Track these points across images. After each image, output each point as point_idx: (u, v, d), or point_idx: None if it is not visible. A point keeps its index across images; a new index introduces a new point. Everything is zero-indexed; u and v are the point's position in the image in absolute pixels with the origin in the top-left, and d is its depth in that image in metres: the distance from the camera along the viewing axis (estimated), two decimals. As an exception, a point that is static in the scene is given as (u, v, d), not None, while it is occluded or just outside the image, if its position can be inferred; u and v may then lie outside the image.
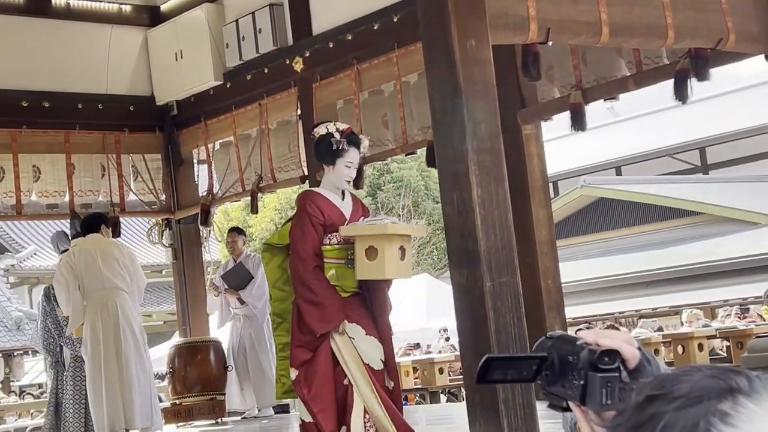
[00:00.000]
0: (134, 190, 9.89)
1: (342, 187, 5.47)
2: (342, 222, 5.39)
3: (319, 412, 5.22)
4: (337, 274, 5.33)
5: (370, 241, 5.23)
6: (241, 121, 9.33)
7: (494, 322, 4.94)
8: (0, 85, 8.83)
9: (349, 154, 5.40)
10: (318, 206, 5.37)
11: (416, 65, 7.60)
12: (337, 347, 5.27)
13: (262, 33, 8.76)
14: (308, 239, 5.30)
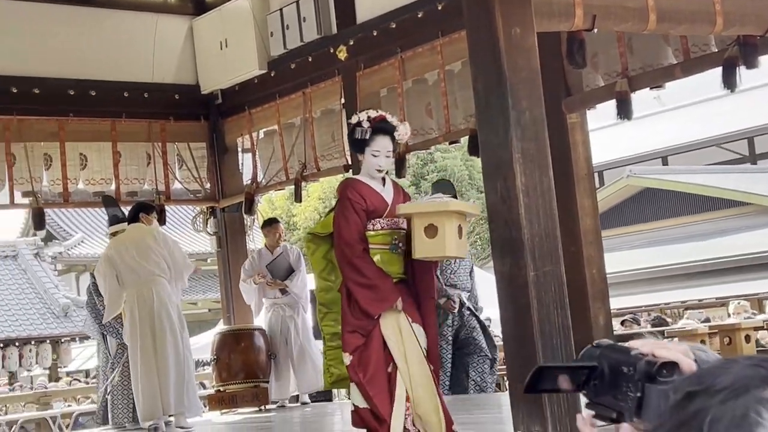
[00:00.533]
0: (179, 178, 9.96)
1: (374, 176, 5.41)
2: (384, 208, 5.36)
3: (376, 395, 5.20)
4: (382, 259, 5.30)
5: (429, 218, 5.16)
6: (285, 110, 9.35)
7: (537, 311, 4.91)
8: (48, 74, 8.91)
9: (376, 143, 5.31)
10: (359, 192, 5.34)
11: (460, 53, 7.56)
12: (385, 331, 5.24)
13: (307, 21, 8.76)
14: (352, 224, 5.28)
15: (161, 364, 7.83)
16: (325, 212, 27.13)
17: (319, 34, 8.73)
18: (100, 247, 27.89)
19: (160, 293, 7.97)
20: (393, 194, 5.44)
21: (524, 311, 4.95)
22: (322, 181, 24.15)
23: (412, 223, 5.24)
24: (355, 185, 5.43)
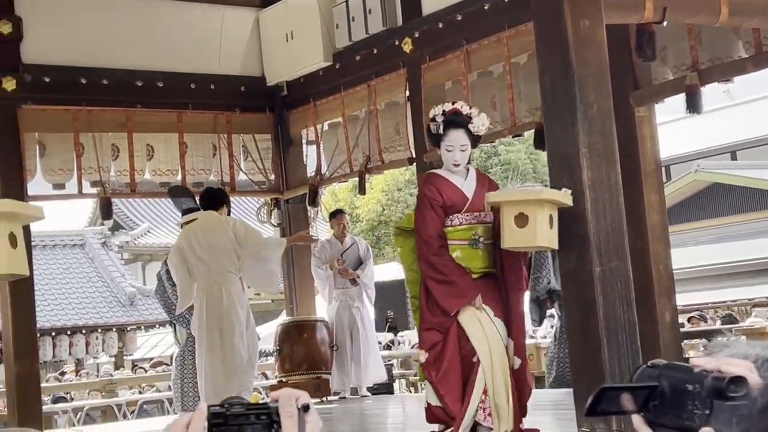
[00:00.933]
0: (244, 169, 10.01)
1: (451, 170, 5.37)
2: (463, 203, 5.28)
3: (447, 394, 5.18)
4: (462, 255, 5.24)
5: (520, 207, 5.04)
6: (350, 102, 9.35)
7: (603, 308, 4.86)
8: (116, 65, 9.00)
9: (449, 137, 5.27)
10: (437, 188, 5.29)
11: (526, 46, 7.49)
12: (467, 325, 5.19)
13: (372, 13, 8.75)
14: (428, 222, 5.25)
15: (227, 364, 7.81)
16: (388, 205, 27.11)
17: (384, 26, 8.72)
18: (165, 237, 28.24)
19: (230, 291, 7.93)
20: (475, 187, 5.34)
21: (589, 307, 4.90)
22: (386, 174, 24.20)
23: (501, 211, 5.11)
24: (433, 180, 5.37)
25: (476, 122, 5.27)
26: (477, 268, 5.27)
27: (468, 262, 5.24)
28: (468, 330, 5.18)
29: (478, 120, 5.28)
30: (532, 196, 5.09)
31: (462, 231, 5.25)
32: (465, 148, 5.29)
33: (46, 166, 8.73)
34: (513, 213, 5.05)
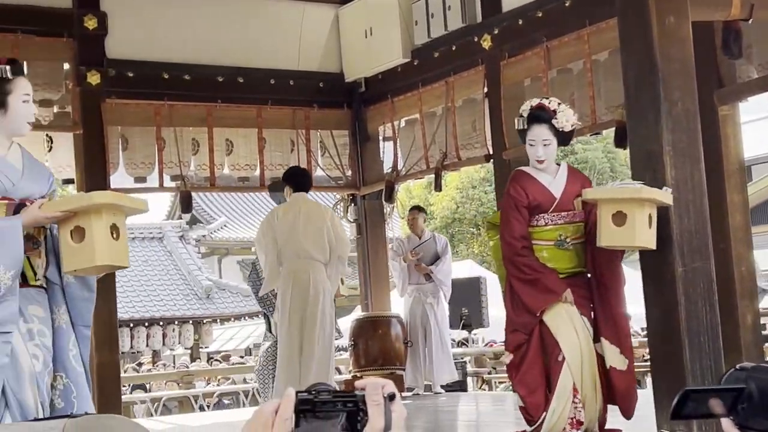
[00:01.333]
0: (321, 165, 10.07)
1: (536, 166, 5.29)
2: (550, 202, 5.18)
3: (527, 396, 5.14)
4: (548, 256, 5.16)
5: (618, 205, 4.93)
6: (428, 99, 9.35)
7: (685, 308, 4.80)
8: (198, 61, 9.12)
9: (532, 132, 5.19)
10: (522, 187, 5.19)
11: (608, 42, 7.42)
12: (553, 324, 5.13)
13: (452, 10, 8.74)
14: (513, 222, 5.18)
15: (306, 355, 7.74)
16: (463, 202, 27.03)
17: (463, 22, 8.70)
18: (242, 232, 28.55)
19: (317, 280, 7.83)
20: (565, 185, 5.25)
21: (671, 308, 4.84)
22: (461, 171, 24.13)
23: (599, 209, 5.00)
24: (519, 179, 5.29)
25: (560, 117, 5.15)
26: (564, 268, 5.18)
27: (555, 262, 5.15)
28: (555, 328, 5.10)
29: (562, 115, 5.17)
30: (632, 194, 4.95)
31: (548, 231, 5.16)
32: (548, 143, 5.18)
33: (128, 159, 8.87)
34: (611, 211, 4.93)
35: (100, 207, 3.86)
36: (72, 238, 3.86)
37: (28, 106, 4.01)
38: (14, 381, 3.84)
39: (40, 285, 4.06)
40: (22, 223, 3.84)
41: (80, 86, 8.45)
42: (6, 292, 3.79)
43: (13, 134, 4.04)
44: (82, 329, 4.11)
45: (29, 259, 4.00)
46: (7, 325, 3.82)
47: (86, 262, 3.87)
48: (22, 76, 4.05)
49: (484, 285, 12.78)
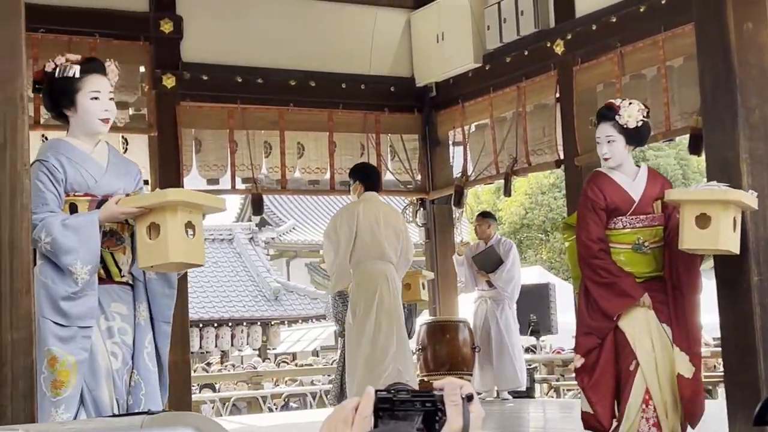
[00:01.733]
0: (391, 169, 10.10)
1: (609, 166, 5.24)
2: (629, 205, 5.11)
3: (598, 402, 5.07)
4: (626, 260, 5.10)
5: (702, 207, 4.83)
6: (498, 104, 9.33)
7: (761, 318, 4.72)
8: (271, 65, 9.21)
9: (598, 130, 5.19)
10: (600, 189, 5.14)
11: (683, 48, 7.35)
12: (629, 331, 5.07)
13: (524, 15, 8.71)
14: (589, 224, 5.14)
15: (390, 356, 7.53)
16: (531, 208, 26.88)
17: (536, 27, 8.67)
18: (310, 234, 28.71)
19: (393, 280, 7.65)
20: (645, 188, 5.18)
21: (746, 318, 4.77)
22: (530, 177, 24.02)
23: (681, 210, 4.90)
24: (597, 180, 5.25)
25: (623, 113, 5.09)
26: (641, 272, 5.10)
27: (632, 266, 5.07)
28: (631, 335, 5.03)
29: (624, 111, 5.10)
30: (718, 196, 4.83)
31: (625, 235, 5.09)
32: (612, 140, 5.11)
33: (201, 161, 8.99)
34: (694, 213, 4.83)
35: (176, 204, 3.88)
36: (147, 234, 3.90)
37: (97, 102, 4.03)
38: (90, 378, 3.91)
39: (126, 281, 4.10)
40: (98, 218, 3.91)
41: (156, 89, 8.59)
42: (84, 286, 3.86)
43: (89, 132, 4.09)
44: (163, 325, 4.16)
45: (113, 255, 4.06)
46: (86, 320, 3.89)
47: (160, 259, 3.89)
48: (96, 74, 4.07)
49: (553, 291, 12.69)
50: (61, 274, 3.85)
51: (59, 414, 3.81)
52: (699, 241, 4.85)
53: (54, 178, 3.94)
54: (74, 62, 4.05)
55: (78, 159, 4.03)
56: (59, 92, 4.03)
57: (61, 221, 3.85)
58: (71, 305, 3.84)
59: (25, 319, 3.36)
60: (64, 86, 4.01)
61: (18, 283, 3.34)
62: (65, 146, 4.06)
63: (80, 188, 4.01)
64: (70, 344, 3.85)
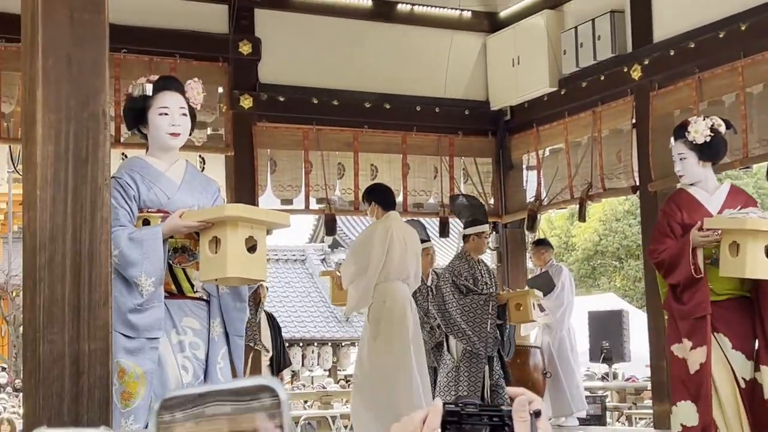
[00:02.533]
0: (464, 192, 10.09)
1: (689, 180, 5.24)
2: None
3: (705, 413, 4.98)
4: (709, 275, 5.04)
5: (733, 235, 4.89)
6: (573, 128, 9.28)
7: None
8: (346, 87, 9.30)
9: (672, 148, 5.25)
10: (676, 204, 5.20)
11: (762, 75, 7.27)
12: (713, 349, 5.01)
13: (601, 40, 8.67)
14: (658, 237, 5.21)
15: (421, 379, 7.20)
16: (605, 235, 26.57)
17: (613, 52, 8.62)
18: (381, 257, 28.77)
19: (412, 304, 7.43)
20: (724, 202, 5.19)
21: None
22: (604, 203, 23.79)
23: (721, 238, 4.95)
24: (676, 196, 5.33)
25: (691, 129, 5.12)
26: (722, 289, 5.05)
27: (712, 282, 5.02)
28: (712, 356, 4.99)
29: (692, 127, 5.12)
30: (738, 225, 4.89)
31: (707, 249, 5.04)
32: (683, 156, 5.15)
33: (276, 181, 9.09)
34: (728, 241, 4.89)
35: (236, 219, 3.91)
36: (210, 248, 3.94)
37: (166, 118, 4.13)
38: (160, 389, 3.97)
39: (200, 297, 4.16)
40: (162, 231, 3.98)
41: (233, 109, 8.72)
42: (149, 298, 3.92)
43: (162, 147, 4.19)
44: (236, 339, 4.21)
45: (185, 271, 4.13)
46: (153, 331, 3.95)
47: (219, 273, 3.93)
48: (168, 90, 4.17)
49: (626, 319, 12.54)
50: (128, 286, 3.94)
51: (129, 425, 3.88)
52: (732, 269, 4.90)
53: (126, 195, 4.04)
54: (149, 81, 4.18)
55: (151, 176, 4.14)
56: (135, 110, 4.17)
57: (127, 234, 3.94)
58: (138, 317, 3.92)
59: (103, 330, 3.43)
60: (138, 104, 4.16)
61: (96, 294, 3.42)
62: (140, 164, 4.18)
63: (153, 205, 4.11)
64: (138, 356, 3.92)
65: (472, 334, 7.80)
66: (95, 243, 3.43)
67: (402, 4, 9.59)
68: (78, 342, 3.40)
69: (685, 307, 5.05)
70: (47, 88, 3.41)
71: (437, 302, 8.10)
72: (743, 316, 5.03)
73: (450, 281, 8.01)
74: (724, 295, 5.05)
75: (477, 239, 8.17)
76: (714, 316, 5.00)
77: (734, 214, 4.97)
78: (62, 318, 3.37)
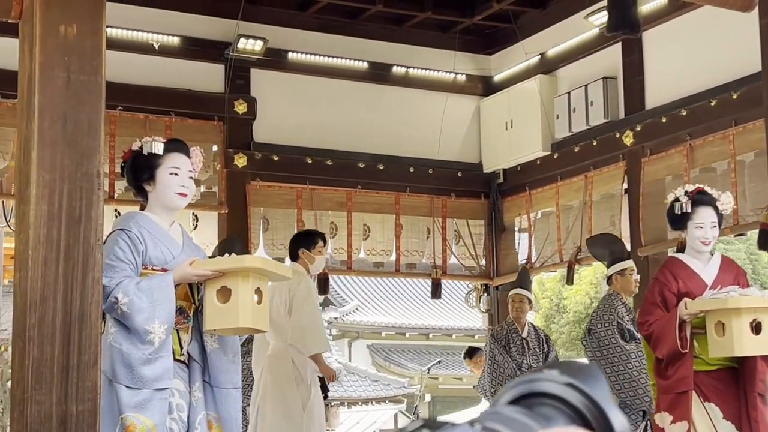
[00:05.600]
0: (456, 253, 10.11)
1: (699, 249, 5.21)
2: (701, 290, 5.11)
3: None
4: (699, 344, 5.06)
5: (717, 315, 4.91)
6: (565, 192, 9.33)
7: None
8: (340, 147, 9.34)
9: (699, 215, 5.15)
10: (672, 273, 5.16)
11: (754, 144, 7.33)
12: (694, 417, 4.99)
13: (594, 105, 8.76)
14: (649, 307, 5.18)
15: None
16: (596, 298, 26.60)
17: (606, 118, 8.70)
18: (374, 316, 28.70)
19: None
20: (718, 273, 5.20)
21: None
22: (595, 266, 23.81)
23: (706, 320, 4.98)
24: (671, 264, 5.28)
25: (723, 200, 5.15)
26: (713, 360, 5.05)
27: (703, 352, 5.02)
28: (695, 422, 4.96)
29: (725, 197, 5.18)
30: (720, 305, 4.90)
31: (698, 319, 5.08)
32: (715, 225, 5.16)
33: (268, 240, 9.09)
34: (713, 321, 4.91)
35: (248, 270, 3.95)
36: (217, 298, 3.95)
37: (176, 178, 4.16)
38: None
39: (183, 360, 4.15)
40: (173, 278, 3.98)
41: (227, 168, 8.75)
42: (160, 346, 3.89)
43: (166, 207, 4.20)
44: (232, 392, 4.17)
45: (178, 333, 4.12)
46: (163, 381, 3.91)
47: (229, 323, 3.95)
48: (178, 152, 4.22)
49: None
50: (135, 338, 3.90)
51: None
52: (721, 349, 4.90)
53: (135, 249, 4.03)
54: (158, 141, 4.20)
55: (157, 234, 4.14)
56: (142, 167, 4.17)
57: (136, 283, 3.93)
58: (149, 368, 3.87)
59: (91, 391, 3.41)
60: (146, 161, 4.15)
61: (86, 355, 3.41)
62: (145, 220, 4.17)
63: (158, 263, 4.10)
64: (146, 408, 3.86)
65: (637, 386, 7.23)
66: (86, 304, 3.43)
67: (397, 67, 9.68)
68: (66, 403, 3.38)
69: (668, 382, 5.04)
70: (42, 149, 3.44)
71: (594, 352, 7.28)
72: (734, 387, 5.03)
73: (615, 325, 7.20)
74: (716, 365, 5.05)
75: (621, 278, 7.44)
76: (705, 385, 4.99)
77: (716, 294, 4.99)
78: (51, 379, 3.36)
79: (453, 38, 9.77)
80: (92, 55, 3.48)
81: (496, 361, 8.27)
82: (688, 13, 7.97)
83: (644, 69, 8.52)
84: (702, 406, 4.98)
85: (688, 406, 4.94)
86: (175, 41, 8.64)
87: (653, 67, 8.46)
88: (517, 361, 8.14)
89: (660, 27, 8.33)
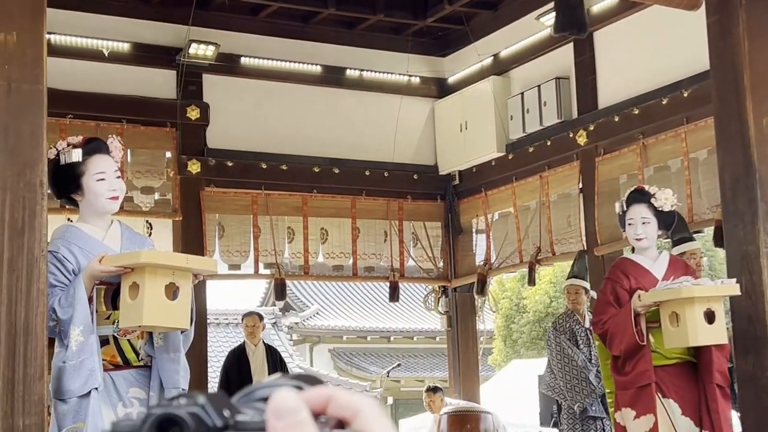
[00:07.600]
0: (413, 256, 10.10)
1: (636, 246, 5.24)
2: (653, 285, 5.11)
3: None
4: (655, 338, 5.09)
5: (671, 306, 4.93)
6: (522, 193, 9.35)
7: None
8: (295, 152, 9.30)
9: (630, 212, 5.19)
10: (623, 271, 5.20)
11: (706, 141, 7.36)
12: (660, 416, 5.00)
13: (547, 105, 8.79)
14: (601, 306, 5.22)
15: None
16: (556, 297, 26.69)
17: (559, 118, 8.73)
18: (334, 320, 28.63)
19: None
20: (666, 269, 5.23)
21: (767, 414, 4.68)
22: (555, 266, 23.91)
23: (660, 311, 5.01)
24: (621, 264, 5.34)
25: (659, 196, 5.13)
26: (672, 354, 5.07)
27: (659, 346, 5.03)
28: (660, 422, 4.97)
29: (661, 194, 5.15)
30: (674, 295, 4.92)
31: (652, 312, 5.08)
32: (647, 221, 5.14)
33: (223, 246, 9.03)
34: (667, 312, 4.93)
35: (155, 266, 3.79)
36: (129, 295, 3.80)
37: (103, 183, 3.95)
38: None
39: (144, 364, 4.02)
40: (82, 278, 3.82)
41: (181, 174, 8.68)
42: (78, 349, 3.74)
43: (100, 212, 4.02)
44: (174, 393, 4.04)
45: (130, 342, 4.01)
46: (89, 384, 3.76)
47: (135, 320, 3.79)
48: (99, 154, 3.99)
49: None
50: (61, 346, 3.79)
51: None
52: (676, 339, 4.93)
53: (64, 269, 3.87)
54: (75, 145, 3.95)
55: (90, 248, 3.95)
56: (64, 179, 3.95)
57: (58, 300, 3.80)
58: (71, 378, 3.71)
59: (38, 405, 3.35)
60: (68, 172, 3.92)
61: (31, 368, 3.34)
62: (76, 233, 3.99)
63: None
64: (79, 414, 3.76)
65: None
66: (31, 315, 3.36)
67: (351, 70, 9.65)
68: (12, 417, 3.31)
69: (628, 377, 5.05)
70: (-17, 159, 3.37)
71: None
72: (692, 382, 5.05)
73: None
74: (674, 359, 5.07)
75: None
76: (664, 381, 5.01)
77: (669, 285, 5.00)
78: (-5, 393, 3.29)
79: (406, 41, 9.76)
80: (33, 63, 3.42)
81: (566, 355, 7.73)
82: (637, 12, 8.02)
83: (596, 69, 8.57)
84: (660, 402, 5.00)
85: (652, 399, 4.95)
86: (125, 47, 8.56)
87: (605, 66, 8.51)
88: (585, 353, 7.73)
89: (610, 27, 8.38)
